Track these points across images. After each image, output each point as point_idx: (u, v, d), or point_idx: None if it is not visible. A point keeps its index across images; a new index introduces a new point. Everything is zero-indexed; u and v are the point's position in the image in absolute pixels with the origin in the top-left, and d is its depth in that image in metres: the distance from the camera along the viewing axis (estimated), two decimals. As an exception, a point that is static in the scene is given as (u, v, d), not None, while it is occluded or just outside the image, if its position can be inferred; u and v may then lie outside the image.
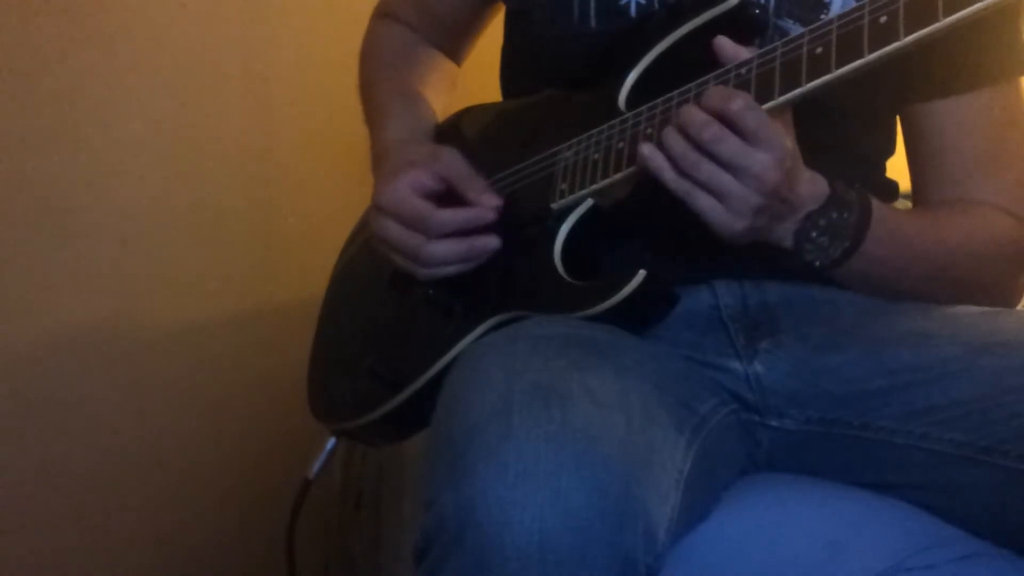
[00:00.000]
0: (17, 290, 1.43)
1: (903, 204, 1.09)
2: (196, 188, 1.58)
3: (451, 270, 0.98)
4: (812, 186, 0.85)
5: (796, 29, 0.95)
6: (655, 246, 0.96)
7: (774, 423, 0.94)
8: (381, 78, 1.19)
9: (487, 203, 0.97)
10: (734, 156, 0.80)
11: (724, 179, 0.81)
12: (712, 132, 0.81)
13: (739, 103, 0.80)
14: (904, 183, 1.06)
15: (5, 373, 1.43)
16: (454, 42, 1.24)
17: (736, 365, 0.95)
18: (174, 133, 1.55)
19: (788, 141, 0.82)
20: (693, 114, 0.82)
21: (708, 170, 0.81)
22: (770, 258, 0.88)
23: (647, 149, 0.85)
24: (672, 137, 0.83)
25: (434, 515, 0.72)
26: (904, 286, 0.94)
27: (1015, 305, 1.01)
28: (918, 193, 1.03)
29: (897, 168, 1.07)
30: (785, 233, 0.86)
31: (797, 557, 0.82)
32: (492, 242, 0.97)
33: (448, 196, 0.98)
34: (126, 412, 1.54)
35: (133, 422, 1.55)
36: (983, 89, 0.98)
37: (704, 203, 0.82)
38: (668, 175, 0.84)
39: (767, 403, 0.94)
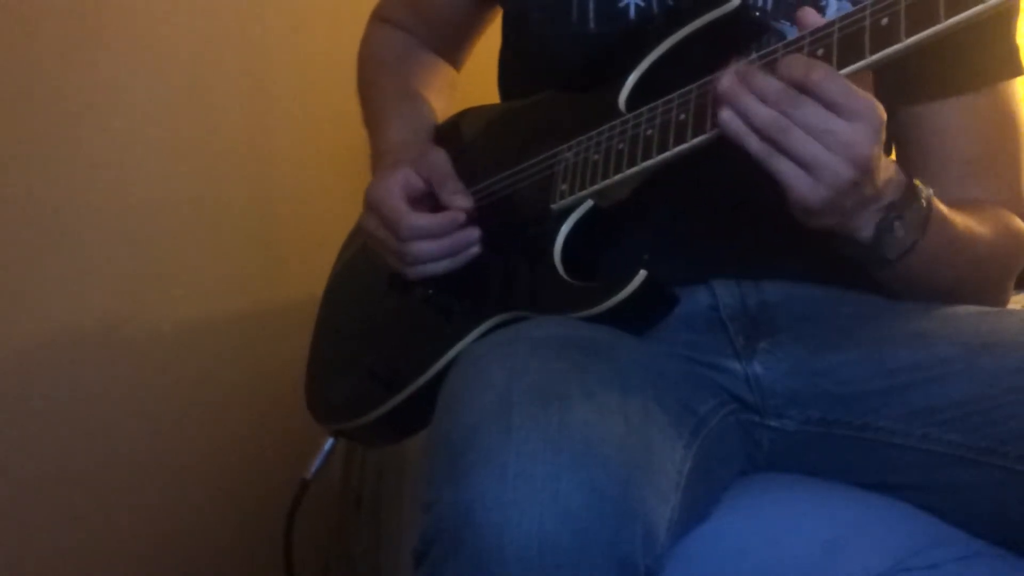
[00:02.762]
0: (17, 290, 1.43)
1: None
2: (196, 188, 1.58)
3: (438, 267, 0.98)
4: (894, 174, 0.82)
5: (792, 32, 0.95)
6: (654, 246, 0.96)
7: (774, 423, 0.94)
8: (381, 81, 1.19)
9: (457, 204, 0.98)
10: (821, 122, 0.76)
11: (812, 146, 0.77)
12: (792, 99, 0.77)
13: (820, 72, 0.77)
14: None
15: (5, 373, 1.43)
16: (451, 46, 1.24)
17: (735, 365, 0.95)
18: (174, 133, 1.55)
19: (881, 112, 0.77)
20: (769, 82, 0.79)
21: (797, 136, 0.77)
22: (770, 257, 0.88)
23: (727, 114, 0.80)
24: (753, 103, 0.78)
25: (433, 516, 0.72)
26: (938, 283, 0.92)
27: (1006, 303, 1.01)
28: None
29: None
30: (866, 223, 0.82)
31: (797, 557, 0.82)
32: (472, 235, 0.97)
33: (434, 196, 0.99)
34: (126, 412, 1.54)
35: (132, 422, 1.55)
36: (979, 91, 0.98)
37: (788, 170, 0.78)
38: (751, 140, 0.79)
39: (766, 403, 0.94)
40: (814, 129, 0.77)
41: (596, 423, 0.73)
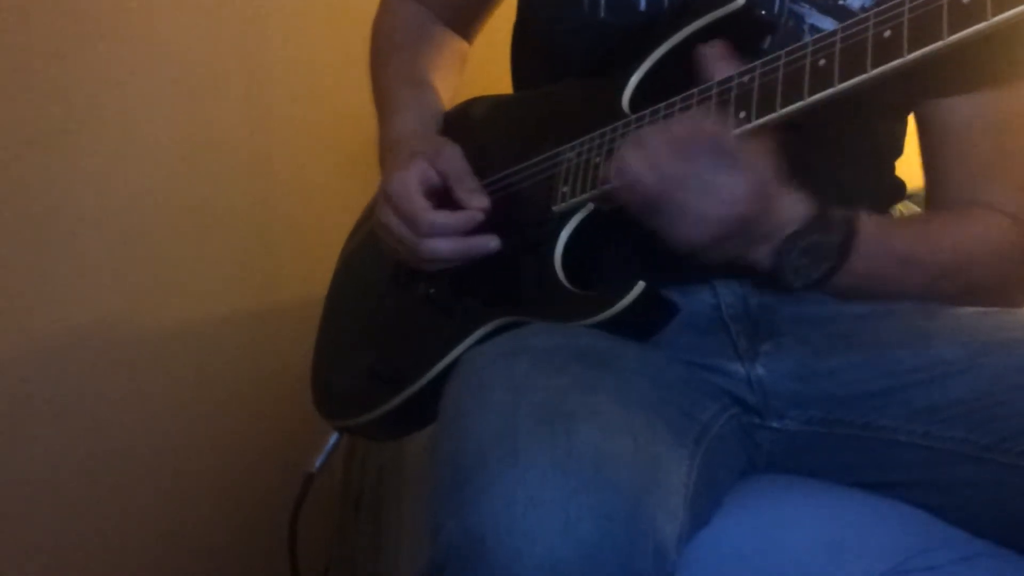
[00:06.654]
0: (17, 290, 1.43)
1: (907, 206, 1.09)
2: (196, 188, 1.58)
3: (452, 264, 0.98)
4: (793, 209, 0.84)
5: (811, 14, 0.94)
6: (656, 247, 0.96)
7: (775, 424, 0.94)
8: (392, 62, 1.18)
9: (474, 204, 0.97)
10: (710, 177, 0.80)
11: (697, 200, 0.80)
12: (683, 157, 0.80)
13: (712, 129, 0.80)
14: (910, 184, 1.06)
15: (5, 373, 1.43)
16: (464, 20, 1.24)
17: (737, 368, 0.95)
18: (174, 133, 1.55)
19: (765, 170, 0.81)
20: (654, 137, 0.82)
21: (683, 194, 0.81)
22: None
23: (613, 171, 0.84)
24: (634, 158, 0.82)
25: (441, 544, 0.71)
26: (900, 293, 0.93)
27: (1019, 307, 1.01)
28: (929, 193, 1.02)
29: (903, 170, 1.07)
30: (763, 256, 0.85)
31: (797, 559, 0.82)
32: (491, 242, 0.96)
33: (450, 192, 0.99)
34: (126, 411, 1.55)
35: (133, 421, 1.56)
36: (992, 88, 0.97)
37: (664, 223, 0.82)
38: (634, 199, 0.83)
39: (768, 405, 0.94)
40: (702, 186, 0.80)
41: (603, 443, 0.72)
